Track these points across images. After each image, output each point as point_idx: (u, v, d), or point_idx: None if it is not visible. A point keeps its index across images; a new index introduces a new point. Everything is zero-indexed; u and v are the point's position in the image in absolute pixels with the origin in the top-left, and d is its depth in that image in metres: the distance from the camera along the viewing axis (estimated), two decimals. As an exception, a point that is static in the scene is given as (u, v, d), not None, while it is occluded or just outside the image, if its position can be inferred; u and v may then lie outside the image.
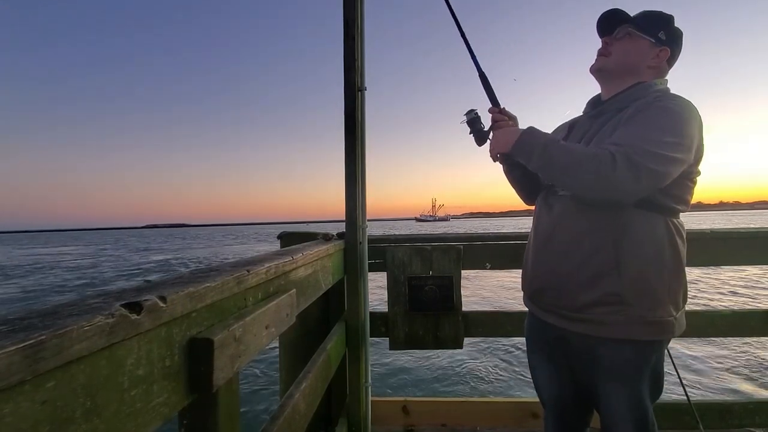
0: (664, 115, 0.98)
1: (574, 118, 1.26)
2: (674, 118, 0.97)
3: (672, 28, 1.11)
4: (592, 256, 1.02)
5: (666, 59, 1.11)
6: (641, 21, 1.11)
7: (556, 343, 1.16)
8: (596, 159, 0.93)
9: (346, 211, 1.59)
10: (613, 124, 1.06)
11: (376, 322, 1.79)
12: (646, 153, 0.92)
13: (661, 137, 0.94)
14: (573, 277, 1.05)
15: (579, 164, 0.96)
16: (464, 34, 1.31)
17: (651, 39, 1.10)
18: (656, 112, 0.99)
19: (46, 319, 0.37)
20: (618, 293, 0.99)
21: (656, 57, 1.10)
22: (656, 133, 0.95)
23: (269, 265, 0.83)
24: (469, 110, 1.34)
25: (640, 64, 1.11)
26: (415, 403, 1.95)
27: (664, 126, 0.96)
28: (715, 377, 4.32)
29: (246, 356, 0.67)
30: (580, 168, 0.95)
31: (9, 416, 0.31)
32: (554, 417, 1.25)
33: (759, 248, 1.66)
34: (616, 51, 1.13)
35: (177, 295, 0.52)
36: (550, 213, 1.13)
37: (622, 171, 0.91)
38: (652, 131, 0.96)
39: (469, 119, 1.33)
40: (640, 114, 1.00)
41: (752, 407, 1.72)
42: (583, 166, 0.95)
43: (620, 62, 1.13)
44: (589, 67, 1.18)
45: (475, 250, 1.75)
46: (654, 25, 1.10)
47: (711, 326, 1.66)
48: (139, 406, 0.45)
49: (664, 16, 1.12)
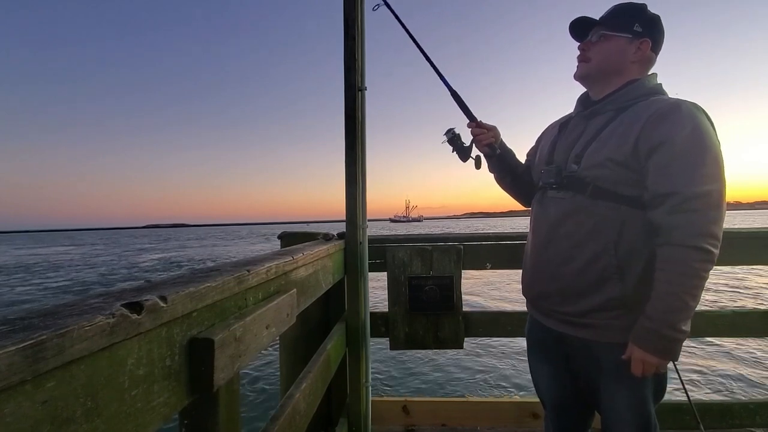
0: (694, 156, 0.93)
1: (565, 117, 1.25)
2: (704, 154, 0.93)
3: (646, 16, 1.07)
4: (594, 262, 1.01)
5: (648, 49, 1.08)
6: (612, 20, 1.08)
7: (556, 346, 1.15)
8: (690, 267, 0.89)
9: (347, 211, 1.59)
10: (616, 132, 1.01)
11: (376, 322, 1.79)
12: (706, 228, 0.90)
13: (704, 196, 0.90)
14: (574, 282, 1.04)
15: (693, 284, 0.90)
16: (429, 58, 1.37)
17: (627, 35, 1.07)
18: (683, 158, 0.93)
19: (46, 319, 0.37)
20: (620, 298, 0.99)
21: (637, 51, 1.07)
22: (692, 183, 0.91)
23: (270, 265, 0.83)
24: (447, 130, 1.39)
25: (623, 63, 1.08)
26: (415, 403, 1.95)
27: (703, 173, 0.91)
28: (715, 377, 4.32)
29: (246, 356, 0.67)
30: (693, 283, 0.91)
31: (9, 416, 0.31)
32: (555, 418, 1.25)
33: (759, 248, 1.66)
34: (595, 55, 1.11)
35: (177, 295, 0.52)
36: (547, 216, 1.13)
37: (704, 252, 0.89)
38: (692, 187, 0.91)
39: (449, 138, 1.38)
40: (667, 161, 0.94)
41: (752, 407, 1.72)
42: (694, 280, 0.90)
43: (602, 66, 1.10)
44: (573, 75, 1.17)
45: (475, 250, 1.75)
46: (626, 20, 1.07)
47: (711, 326, 1.66)
48: (140, 406, 0.45)
49: (634, 7, 1.09)
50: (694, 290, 0.90)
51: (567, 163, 1.10)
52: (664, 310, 0.91)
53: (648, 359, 0.93)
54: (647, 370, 0.95)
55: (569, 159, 1.10)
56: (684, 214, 0.91)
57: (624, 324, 0.99)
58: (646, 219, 0.98)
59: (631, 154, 0.98)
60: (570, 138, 1.14)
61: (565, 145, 1.14)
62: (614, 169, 1.00)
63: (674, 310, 0.91)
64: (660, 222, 0.94)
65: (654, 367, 0.94)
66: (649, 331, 0.92)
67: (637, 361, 0.95)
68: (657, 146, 0.95)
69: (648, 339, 0.93)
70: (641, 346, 0.94)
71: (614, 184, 1.00)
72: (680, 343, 0.93)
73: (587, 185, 1.03)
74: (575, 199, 1.06)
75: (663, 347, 0.92)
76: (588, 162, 1.04)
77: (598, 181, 1.02)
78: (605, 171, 1.01)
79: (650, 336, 0.92)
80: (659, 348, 0.92)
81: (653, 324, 0.92)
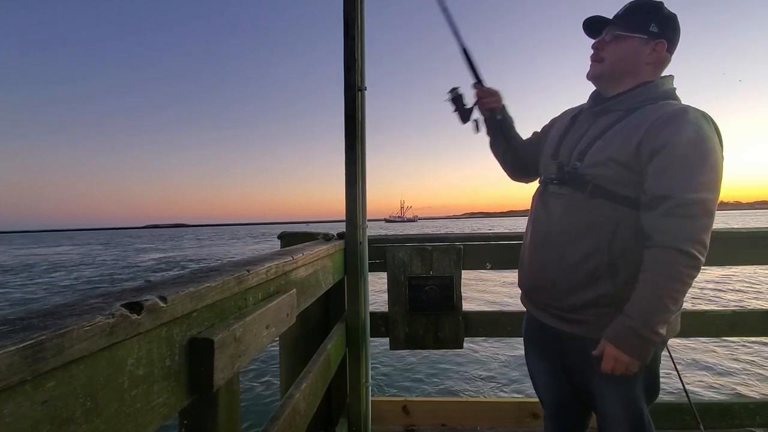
0: (694, 162, 0.93)
1: (579, 107, 1.23)
2: (704, 161, 0.93)
3: (663, 15, 1.04)
4: (587, 259, 1.02)
5: (664, 51, 1.05)
6: (627, 19, 1.05)
7: (552, 342, 1.15)
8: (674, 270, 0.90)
9: (347, 211, 1.59)
10: (621, 132, 1.01)
11: (376, 322, 1.79)
12: (697, 234, 0.90)
13: (699, 203, 0.91)
14: (566, 278, 1.05)
15: (677, 288, 0.91)
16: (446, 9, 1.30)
17: (642, 36, 1.04)
18: (683, 162, 0.93)
19: (46, 319, 0.37)
20: (611, 295, 0.99)
21: (653, 52, 1.05)
22: (688, 192, 0.92)
23: (269, 265, 0.83)
24: (452, 88, 1.33)
25: (637, 64, 1.06)
26: (415, 403, 1.95)
27: (700, 180, 0.92)
28: (715, 377, 4.31)
29: (246, 356, 0.67)
30: (677, 287, 0.91)
31: (9, 416, 0.31)
32: (553, 417, 1.25)
33: (759, 248, 1.66)
34: (609, 55, 1.08)
35: (177, 295, 0.52)
36: (547, 211, 1.13)
37: (692, 258, 0.90)
38: (688, 193, 0.91)
39: (452, 97, 1.33)
40: (666, 164, 0.94)
41: (752, 407, 1.72)
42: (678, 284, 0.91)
43: (615, 66, 1.08)
44: (586, 75, 1.15)
45: (475, 250, 1.75)
46: (642, 20, 1.04)
47: (711, 326, 1.66)
48: (140, 406, 0.45)
49: (651, 5, 1.05)
50: (676, 294, 0.91)
51: (570, 159, 1.10)
52: (644, 310, 0.91)
53: (620, 357, 0.93)
54: (617, 368, 0.94)
55: (573, 155, 1.09)
56: (678, 219, 0.91)
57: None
58: (641, 220, 0.98)
59: (633, 156, 0.98)
60: (577, 134, 1.13)
61: (572, 141, 1.13)
62: (616, 169, 1.00)
63: (654, 311, 0.91)
64: (653, 224, 0.94)
65: (624, 366, 0.93)
66: (626, 330, 0.92)
67: (609, 357, 0.95)
68: (659, 149, 0.95)
69: (624, 337, 0.93)
70: (615, 344, 0.94)
71: (614, 184, 1.00)
72: (653, 345, 0.93)
73: (587, 183, 1.03)
74: (574, 196, 1.06)
75: (637, 347, 0.92)
76: (591, 160, 1.04)
77: (598, 180, 1.02)
78: (607, 170, 1.01)
79: (627, 334, 0.92)
80: (633, 347, 0.92)
81: (632, 323, 0.92)
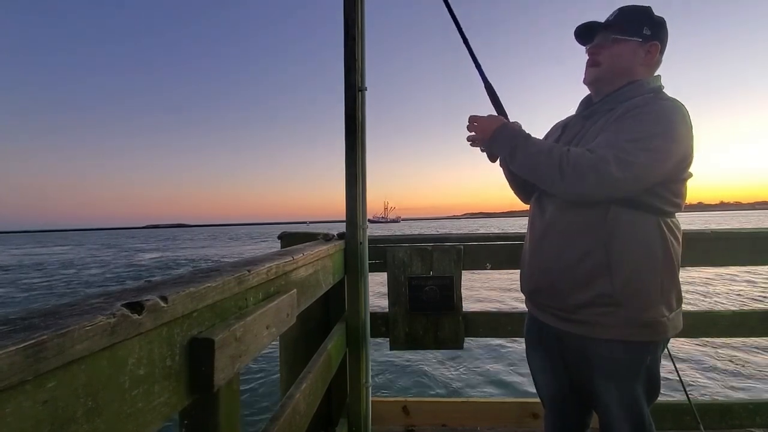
0: (646, 118, 0.97)
1: (568, 118, 1.26)
2: (656, 121, 0.97)
3: (654, 19, 1.08)
4: (584, 258, 1.02)
5: (657, 52, 1.09)
6: (622, 24, 1.09)
7: (553, 342, 1.16)
8: (552, 157, 1.00)
9: (347, 211, 1.59)
10: (600, 125, 1.06)
11: (376, 322, 1.79)
12: (602, 159, 0.94)
13: (634, 142, 0.95)
14: (565, 278, 1.05)
15: (544, 162, 1.01)
16: (469, 45, 1.31)
17: (637, 39, 1.07)
18: (639, 115, 0.98)
19: (47, 319, 0.37)
20: (610, 294, 0.99)
21: (647, 54, 1.09)
22: (628, 136, 0.96)
23: (270, 265, 0.83)
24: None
25: (633, 67, 1.09)
26: (415, 403, 1.95)
27: (642, 129, 0.96)
28: (715, 377, 4.31)
29: (247, 356, 0.67)
30: (541, 165, 1.02)
31: (10, 416, 0.31)
32: (554, 417, 1.25)
33: (760, 248, 1.66)
34: (606, 59, 1.11)
35: (178, 295, 0.52)
36: (543, 214, 1.14)
37: (570, 176, 0.96)
38: (624, 134, 0.97)
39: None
40: (624, 117, 1.00)
41: (752, 407, 1.72)
42: (544, 165, 1.01)
43: (613, 69, 1.11)
44: (583, 80, 1.17)
45: (475, 250, 1.75)
46: (636, 24, 1.08)
47: (711, 326, 1.66)
48: (140, 406, 0.45)
49: (642, 10, 1.09)
50: (540, 157, 1.03)
51: None
52: (529, 141, 1.08)
53: (486, 127, 1.16)
54: (477, 130, 1.19)
55: None
56: (613, 151, 0.95)
57: (613, 321, 0.99)
58: (638, 219, 0.99)
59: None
60: (567, 139, 1.16)
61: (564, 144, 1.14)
62: None
63: (530, 148, 1.06)
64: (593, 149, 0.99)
65: (480, 132, 1.18)
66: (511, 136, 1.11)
67: (483, 120, 1.19)
68: (619, 117, 1.02)
69: (505, 136, 1.12)
70: (496, 130, 1.14)
71: None
72: (499, 138, 1.13)
73: None
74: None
75: (501, 137, 1.12)
76: None
77: None
78: None
79: (507, 134, 1.12)
80: (498, 137, 1.13)
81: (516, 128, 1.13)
